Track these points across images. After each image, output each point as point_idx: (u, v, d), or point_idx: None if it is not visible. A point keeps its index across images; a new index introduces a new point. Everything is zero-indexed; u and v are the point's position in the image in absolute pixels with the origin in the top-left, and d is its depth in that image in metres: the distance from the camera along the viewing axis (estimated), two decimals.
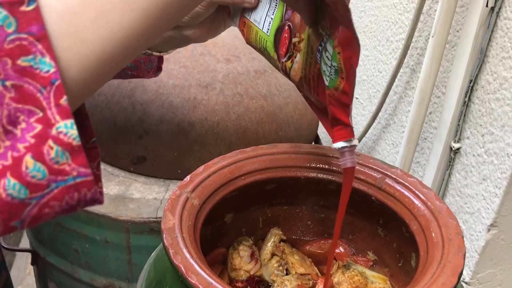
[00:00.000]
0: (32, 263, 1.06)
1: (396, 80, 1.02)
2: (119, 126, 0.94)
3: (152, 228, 0.88)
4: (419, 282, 0.45)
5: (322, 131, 1.53)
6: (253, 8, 0.59)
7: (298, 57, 0.51)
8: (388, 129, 1.08)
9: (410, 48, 0.96)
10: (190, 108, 0.93)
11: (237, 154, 0.62)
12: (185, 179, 0.57)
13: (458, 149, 0.82)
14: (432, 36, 0.83)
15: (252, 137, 0.96)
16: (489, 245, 0.77)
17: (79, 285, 0.97)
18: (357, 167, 0.63)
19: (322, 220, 0.72)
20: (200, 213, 0.55)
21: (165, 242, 0.47)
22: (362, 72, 1.20)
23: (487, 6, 0.73)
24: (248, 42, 0.61)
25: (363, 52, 1.20)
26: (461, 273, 0.45)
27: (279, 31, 0.55)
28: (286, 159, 0.63)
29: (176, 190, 0.55)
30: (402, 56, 0.98)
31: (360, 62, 1.23)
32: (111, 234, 0.90)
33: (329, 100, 0.45)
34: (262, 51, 0.58)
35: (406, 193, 0.58)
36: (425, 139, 0.93)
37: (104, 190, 0.92)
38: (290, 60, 0.52)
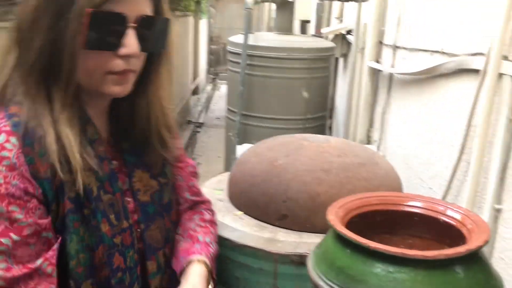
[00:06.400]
0: None
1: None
2: (271, 195, 1.45)
3: (292, 260, 1.33)
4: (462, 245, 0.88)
5: None
6: None
7: None
8: None
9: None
10: (317, 184, 1.43)
11: (361, 195, 1.10)
12: (334, 203, 1.05)
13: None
14: None
15: None
16: None
17: None
18: (431, 204, 1.08)
19: (410, 246, 1.14)
20: (343, 220, 1.01)
21: (331, 222, 0.94)
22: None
23: None
24: None
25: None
26: (485, 241, 0.87)
27: None
28: (387, 200, 1.10)
29: (330, 206, 1.02)
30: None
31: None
32: (264, 263, 1.35)
33: None
34: None
35: (459, 215, 1.01)
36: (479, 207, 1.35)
37: (260, 234, 1.40)
38: None
